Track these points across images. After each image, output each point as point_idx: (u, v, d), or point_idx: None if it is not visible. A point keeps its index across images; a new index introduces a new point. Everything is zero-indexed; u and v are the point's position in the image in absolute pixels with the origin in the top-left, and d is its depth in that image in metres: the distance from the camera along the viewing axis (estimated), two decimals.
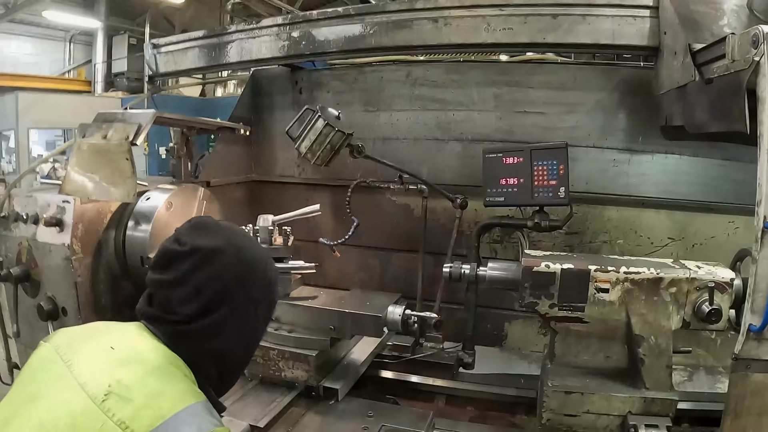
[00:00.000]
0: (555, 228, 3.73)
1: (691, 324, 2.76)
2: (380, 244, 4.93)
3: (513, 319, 4.66)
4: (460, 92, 4.71)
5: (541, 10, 3.62)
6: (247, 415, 3.26)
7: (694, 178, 4.25)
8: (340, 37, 4.13)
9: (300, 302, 3.62)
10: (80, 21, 23.69)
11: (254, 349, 2.31)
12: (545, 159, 3.56)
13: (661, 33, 3.42)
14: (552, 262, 2.85)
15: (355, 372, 3.77)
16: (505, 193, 3.66)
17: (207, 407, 1.89)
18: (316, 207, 3.68)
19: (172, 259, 2.04)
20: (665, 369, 2.71)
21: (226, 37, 4.70)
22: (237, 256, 2.10)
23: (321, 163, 3.95)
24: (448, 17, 3.79)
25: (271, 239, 3.59)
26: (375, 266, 5.10)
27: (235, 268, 2.08)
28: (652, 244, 4.35)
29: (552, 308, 2.86)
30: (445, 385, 3.97)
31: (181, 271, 2.00)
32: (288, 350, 3.50)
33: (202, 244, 2.04)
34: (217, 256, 2.04)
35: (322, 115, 3.85)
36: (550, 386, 2.79)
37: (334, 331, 3.49)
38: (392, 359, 4.15)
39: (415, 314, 3.39)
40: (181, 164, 4.64)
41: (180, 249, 2.03)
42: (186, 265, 2.01)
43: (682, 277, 2.73)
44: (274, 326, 3.61)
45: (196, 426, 1.78)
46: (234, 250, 2.10)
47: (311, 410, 3.44)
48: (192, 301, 2.00)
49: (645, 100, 3.91)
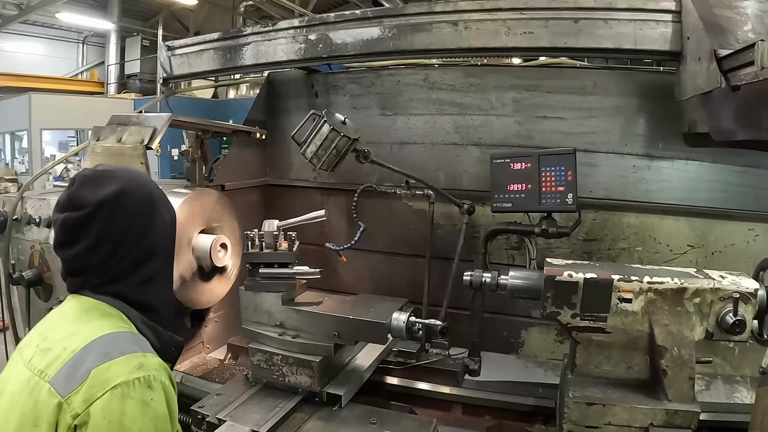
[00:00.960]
0: (562, 235, 3.70)
1: (714, 335, 2.72)
2: (397, 249, 4.88)
3: (530, 326, 4.61)
4: (478, 96, 4.66)
5: (562, 14, 3.58)
6: (249, 420, 3.24)
7: (714, 185, 4.18)
8: (358, 40, 4.10)
9: (304, 308, 3.58)
10: (93, 22, 23.83)
11: (171, 276, 2.38)
12: (553, 165, 3.54)
13: (684, 38, 3.36)
14: (575, 271, 2.81)
15: (359, 378, 3.72)
16: (513, 199, 3.65)
17: (131, 337, 1.99)
18: (321, 212, 3.64)
19: (77, 228, 2.04)
20: (688, 381, 2.65)
21: (241, 39, 4.67)
22: (138, 193, 2.16)
23: (327, 168, 3.92)
24: (468, 21, 3.75)
25: (275, 244, 3.57)
26: (390, 271, 5.05)
27: (141, 204, 2.15)
28: (671, 251, 4.29)
29: (574, 318, 2.81)
30: (462, 394, 3.91)
31: (93, 235, 2.03)
32: (292, 355, 3.46)
33: (101, 197, 2.04)
34: (120, 203, 2.07)
35: (327, 119, 3.81)
36: (572, 397, 2.74)
37: (338, 337, 3.46)
38: (397, 365, 4.11)
39: (420, 321, 3.34)
40: (195, 167, 4.61)
41: (81, 213, 2.03)
42: (95, 225, 2.03)
43: (705, 287, 2.69)
44: (279, 331, 3.58)
45: (102, 353, 1.85)
46: (135, 189, 2.15)
47: (314, 416, 3.40)
48: (112, 253, 2.06)
49: (665, 106, 3.85)
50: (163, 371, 1.97)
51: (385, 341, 3.47)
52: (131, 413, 1.81)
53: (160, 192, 2.30)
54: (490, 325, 4.54)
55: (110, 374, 1.82)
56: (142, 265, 2.15)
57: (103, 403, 1.78)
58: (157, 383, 1.90)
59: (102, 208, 2.02)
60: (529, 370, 4.33)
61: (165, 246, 2.28)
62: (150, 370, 1.91)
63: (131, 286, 2.12)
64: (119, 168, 2.28)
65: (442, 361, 4.12)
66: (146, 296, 2.16)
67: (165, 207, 2.29)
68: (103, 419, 1.77)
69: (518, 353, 4.64)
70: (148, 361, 1.93)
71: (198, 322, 4.35)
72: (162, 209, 2.25)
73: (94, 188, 2.06)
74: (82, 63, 26.21)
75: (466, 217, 4.23)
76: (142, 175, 2.31)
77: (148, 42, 25.47)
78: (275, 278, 3.56)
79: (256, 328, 3.64)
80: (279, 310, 3.57)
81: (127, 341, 1.96)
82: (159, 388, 1.91)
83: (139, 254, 2.13)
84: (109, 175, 2.14)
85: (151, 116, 4.06)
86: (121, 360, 1.86)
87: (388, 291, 4.29)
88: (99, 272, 2.07)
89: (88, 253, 2.04)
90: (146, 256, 2.16)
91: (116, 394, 1.80)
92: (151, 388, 1.88)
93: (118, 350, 1.89)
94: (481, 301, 3.91)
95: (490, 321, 4.52)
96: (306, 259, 3.75)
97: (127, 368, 1.85)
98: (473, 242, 4.23)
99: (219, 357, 4.59)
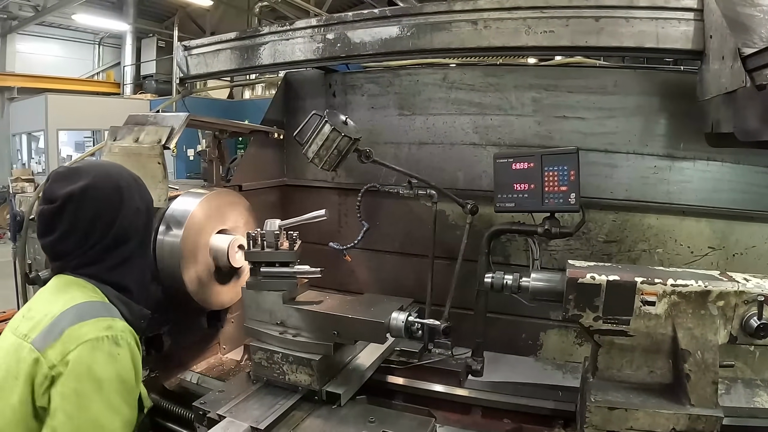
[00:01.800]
0: (565, 235, 3.72)
1: (738, 338, 2.67)
2: (415, 250, 4.82)
3: (548, 328, 4.56)
4: (497, 96, 4.62)
5: (583, 12, 3.54)
6: (248, 416, 3.28)
7: (736, 186, 4.12)
8: (377, 40, 4.08)
9: (304, 306, 3.60)
10: (109, 24, 24.01)
11: (147, 258, 2.76)
12: (556, 164, 3.55)
13: (707, 36, 3.32)
14: (597, 273, 2.76)
15: (359, 377, 3.73)
16: (516, 199, 3.68)
17: (102, 305, 2.29)
18: (322, 212, 3.64)
19: (51, 219, 2.32)
20: (711, 385, 2.61)
21: (258, 38, 4.66)
22: (105, 186, 2.40)
23: (328, 167, 3.99)
24: (488, 19, 3.71)
25: (277, 243, 3.58)
26: (401, 271, 5.04)
27: (108, 196, 2.39)
28: (692, 253, 4.23)
29: (596, 321, 2.76)
30: (481, 396, 3.88)
31: (64, 224, 2.30)
32: (292, 354, 3.49)
33: (68, 191, 2.30)
34: (86, 196, 2.32)
35: (329, 120, 3.86)
36: (593, 401, 2.70)
37: (337, 336, 3.48)
38: (400, 365, 4.13)
39: (419, 321, 3.34)
40: (212, 167, 4.60)
41: (52, 207, 2.30)
42: (66, 216, 2.30)
43: (730, 290, 2.64)
44: (279, 330, 3.60)
45: (77, 316, 2.16)
46: (100, 183, 2.38)
47: (313, 414, 3.42)
48: (83, 241, 2.33)
49: (687, 105, 3.81)
50: (130, 334, 2.28)
51: (383, 341, 3.48)
52: (100, 362, 2.11)
53: (132, 182, 2.55)
54: (509, 327, 4.54)
55: (82, 332, 2.12)
56: (115, 250, 2.42)
57: (76, 355, 2.07)
58: (123, 342, 2.21)
59: (70, 201, 2.29)
60: (547, 372, 4.29)
61: (138, 231, 2.54)
62: (117, 331, 2.21)
63: (105, 268, 2.40)
64: (91, 164, 2.61)
65: (445, 361, 4.15)
66: (121, 277, 2.44)
67: (139, 195, 2.55)
68: (75, 366, 2.06)
69: (536, 356, 4.61)
70: (116, 324, 2.23)
71: (215, 323, 4.35)
72: (133, 198, 2.50)
73: (64, 183, 2.33)
74: (98, 64, 26.39)
75: (469, 217, 4.24)
76: (113, 169, 2.57)
77: (163, 43, 25.60)
78: (276, 277, 3.59)
79: (257, 327, 3.68)
80: (280, 308, 3.60)
81: (100, 308, 2.26)
82: (125, 346, 2.21)
83: (109, 241, 2.39)
84: (78, 171, 2.40)
85: (169, 116, 4.06)
86: (92, 321, 2.17)
87: (403, 291, 4.27)
88: (74, 256, 2.35)
89: (62, 241, 2.33)
90: (117, 242, 2.42)
91: (87, 347, 2.10)
92: (118, 345, 2.17)
93: (90, 314, 2.20)
94: (485, 302, 3.95)
95: (509, 323, 4.51)
96: (320, 258, 3.75)
97: (97, 328, 2.15)
98: (494, 243, 4.21)
99: (235, 358, 4.58)
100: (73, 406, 2.04)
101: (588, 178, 4.16)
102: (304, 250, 3.70)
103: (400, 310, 3.45)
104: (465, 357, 4.08)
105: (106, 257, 2.40)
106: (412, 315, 3.38)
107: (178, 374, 4.11)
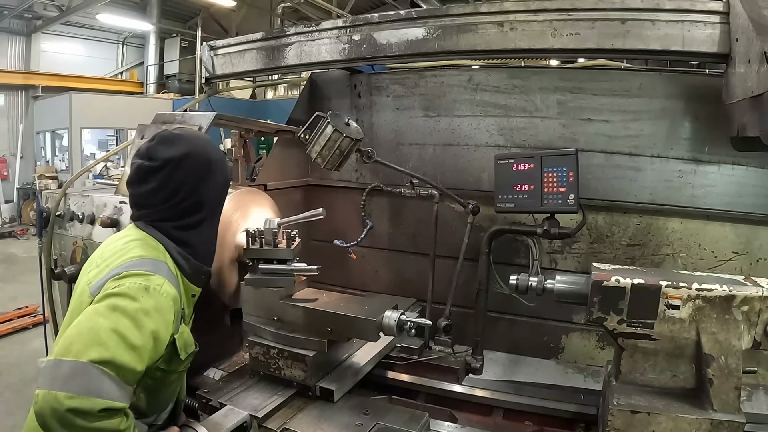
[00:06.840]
0: (565, 236, 3.81)
1: (762, 344, 2.66)
2: (441, 251, 4.81)
3: (570, 331, 4.56)
4: (522, 98, 4.64)
5: (609, 15, 3.52)
6: (248, 405, 3.40)
7: (761, 190, 4.09)
8: (403, 41, 4.07)
9: (299, 303, 3.66)
10: (133, 24, 24.10)
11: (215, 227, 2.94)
12: (555, 166, 3.64)
13: (732, 39, 3.29)
14: (622, 276, 2.77)
15: (354, 374, 3.79)
16: (516, 200, 3.77)
17: (151, 262, 2.49)
18: (319, 210, 3.68)
19: (146, 174, 2.62)
20: (734, 390, 2.60)
21: (284, 39, 4.67)
22: (199, 157, 2.70)
23: (331, 167, 4.13)
24: (514, 21, 3.71)
25: (275, 241, 3.65)
26: (414, 270, 5.06)
27: (200, 166, 2.69)
28: (716, 258, 4.21)
29: (620, 324, 2.77)
30: (502, 398, 3.87)
31: (157, 181, 2.60)
32: (287, 350, 3.58)
33: (170, 155, 2.61)
34: (183, 163, 2.63)
35: (331, 121, 3.98)
36: (616, 405, 2.70)
37: (331, 333, 3.55)
38: (400, 361, 4.18)
39: (411, 320, 3.39)
40: (238, 167, 4.63)
41: (153, 164, 2.61)
42: (161, 175, 2.60)
43: (754, 295, 2.63)
44: (276, 326, 3.69)
45: (124, 267, 2.41)
46: (197, 154, 2.69)
47: (310, 404, 3.52)
48: (168, 199, 2.63)
49: (712, 109, 3.81)
50: (167, 288, 2.44)
51: (376, 338, 3.54)
52: (123, 298, 2.29)
53: (220, 159, 2.85)
54: (531, 330, 4.53)
55: (120, 281, 2.35)
56: (191, 212, 2.70)
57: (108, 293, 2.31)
58: (155, 292, 2.38)
59: (169, 164, 2.60)
60: (568, 375, 4.29)
61: (213, 202, 2.84)
62: (153, 283, 2.40)
63: (179, 226, 2.67)
64: (191, 134, 2.90)
65: (445, 358, 4.19)
66: (189, 237, 2.71)
67: (221, 171, 2.83)
68: (102, 296, 2.31)
69: (558, 358, 4.60)
70: (153, 278, 2.42)
71: (238, 321, 4.37)
72: (217, 173, 2.79)
73: (167, 146, 2.64)
74: (122, 63, 26.50)
75: (471, 217, 4.31)
76: (208, 144, 2.86)
77: (186, 43, 25.72)
78: (274, 274, 3.64)
79: (255, 322, 3.78)
80: (276, 305, 3.68)
81: (147, 264, 2.47)
82: (155, 295, 2.37)
83: (189, 204, 2.68)
84: (182, 138, 2.71)
85: (196, 115, 4.10)
86: (133, 273, 2.39)
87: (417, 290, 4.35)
88: (156, 210, 2.64)
89: (151, 195, 2.63)
90: (196, 206, 2.71)
91: (119, 290, 2.31)
92: (147, 291, 2.35)
93: (136, 267, 2.42)
94: (484, 301, 4.04)
95: (531, 326, 4.52)
96: (344, 257, 3.76)
97: (134, 280, 2.36)
98: (516, 245, 4.22)
99: None
100: (85, 316, 2.26)
101: (612, 182, 4.17)
102: (325, 250, 3.72)
103: (394, 308, 3.51)
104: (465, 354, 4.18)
105: (182, 216, 2.68)
106: (406, 314, 3.46)
107: (203, 372, 4.13)
